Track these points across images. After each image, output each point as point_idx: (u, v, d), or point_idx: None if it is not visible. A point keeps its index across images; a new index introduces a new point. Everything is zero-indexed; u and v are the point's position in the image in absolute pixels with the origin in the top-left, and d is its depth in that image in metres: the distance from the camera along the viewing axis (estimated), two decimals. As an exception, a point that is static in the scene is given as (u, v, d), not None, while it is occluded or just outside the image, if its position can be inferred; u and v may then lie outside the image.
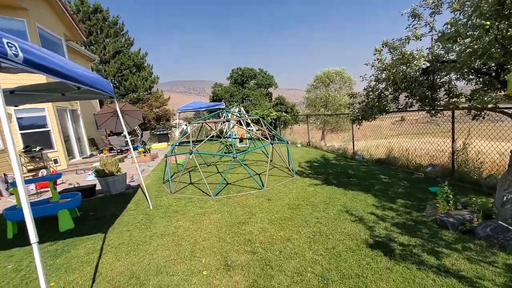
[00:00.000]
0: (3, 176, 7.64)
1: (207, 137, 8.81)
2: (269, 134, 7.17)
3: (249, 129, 12.32)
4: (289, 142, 6.86)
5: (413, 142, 6.95)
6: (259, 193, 5.23)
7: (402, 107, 4.95)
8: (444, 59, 4.29)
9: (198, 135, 12.29)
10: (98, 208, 5.16)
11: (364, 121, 4.98)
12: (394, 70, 4.09)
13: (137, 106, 21.95)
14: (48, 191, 6.98)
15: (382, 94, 4.73)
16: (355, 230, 3.38)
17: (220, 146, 11.35)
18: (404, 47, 4.32)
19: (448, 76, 4.46)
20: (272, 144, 6.13)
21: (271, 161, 7.80)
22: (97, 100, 17.00)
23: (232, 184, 6.03)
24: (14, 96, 4.03)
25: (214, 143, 12.94)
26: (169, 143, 15.88)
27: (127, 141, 14.81)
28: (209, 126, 11.83)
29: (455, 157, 5.65)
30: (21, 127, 8.99)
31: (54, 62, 2.35)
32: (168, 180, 6.06)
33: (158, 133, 16.78)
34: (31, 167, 8.78)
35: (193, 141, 6.76)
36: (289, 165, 6.77)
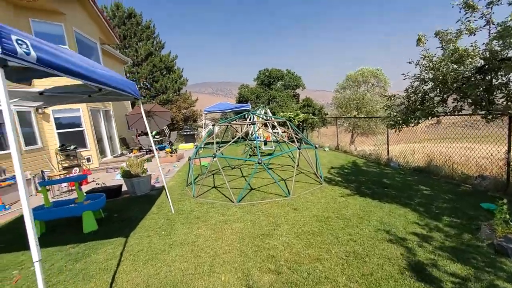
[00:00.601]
0: (40, 173, 8.04)
1: (232, 138, 8.66)
2: (296, 137, 6.82)
3: (275, 132, 12.02)
4: (317, 146, 6.45)
5: (455, 148, 6.21)
6: (284, 201, 4.91)
7: (450, 110, 4.38)
8: (503, 56, 3.70)
9: (223, 136, 12.22)
10: (122, 210, 5.16)
11: (404, 126, 4.48)
12: (444, 69, 3.57)
13: (166, 107, 22.56)
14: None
15: (426, 96, 4.20)
16: (396, 253, 2.94)
17: (245, 148, 11.16)
18: (457, 41, 3.78)
19: (506, 76, 3.85)
20: (299, 149, 5.77)
21: (297, 166, 7.43)
22: (129, 101, 17.64)
23: (256, 189, 5.76)
24: (44, 97, 4.10)
25: (240, 145, 12.79)
26: (195, 144, 16.06)
27: (156, 141, 15.22)
28: (234, 128, 11.74)
29: (511, 168, 4.91)
30: (58, 127, 9.45)
31: (73, 62, 2.24)
32: (192, 183, 5.93)
33: (185, 133, 17.03)
34: (66, 164, 9.20)
35: (218, 143, 6.60)
36: (317, 171, 6.37)
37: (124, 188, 6.34)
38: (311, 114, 17.78)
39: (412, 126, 4.46)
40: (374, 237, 3.31)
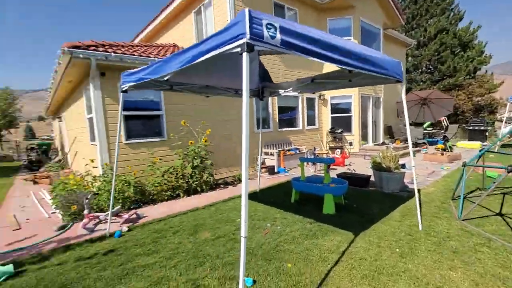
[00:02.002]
0: (312, 148, 9.75)
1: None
2: None
3: None
4: None
5: None
6: None
7: None
8: None
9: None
10: (363, 203, 4.86)
11: None
12: None
13: (451, 93, 18.54)
14: (335, 169, 7.80)
15: None
16: None
17: None
18: None
19: None
20: None
21: None
22: (404, 88, 16.39)
23: None
24: (313, 84, 4.58)
25: None
26: (484, 144, 11.83)
27: (427, 133, 13.12)
28: None
29: None
30: (332, 111, 10.82)
31: (314, 40, 2.09)
32: (460, 198, 4.28)
33: (470, 128, 13.10)
34: (332, 145, 10.45)
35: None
36: None
37: (372, 179, 5.97)
38: None
39: None
40: None
